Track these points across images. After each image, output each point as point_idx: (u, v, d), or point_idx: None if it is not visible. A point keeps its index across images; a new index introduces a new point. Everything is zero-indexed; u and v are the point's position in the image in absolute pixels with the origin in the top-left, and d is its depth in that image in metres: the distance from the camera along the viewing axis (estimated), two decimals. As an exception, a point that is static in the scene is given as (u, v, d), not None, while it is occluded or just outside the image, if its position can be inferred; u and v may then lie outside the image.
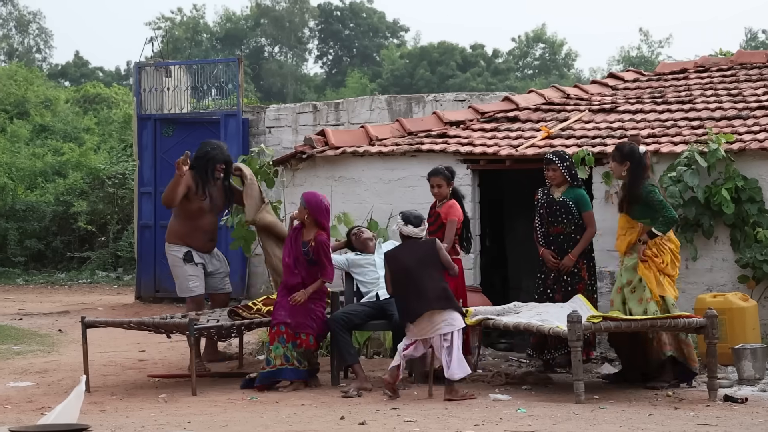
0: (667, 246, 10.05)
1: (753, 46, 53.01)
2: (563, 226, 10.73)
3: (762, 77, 13.89)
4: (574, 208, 10.68)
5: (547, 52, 64.04)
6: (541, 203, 10.88)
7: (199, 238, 11.66)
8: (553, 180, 10.78)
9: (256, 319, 10.70)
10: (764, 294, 11.15)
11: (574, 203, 10.69)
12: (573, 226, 10.70)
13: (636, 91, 14.22)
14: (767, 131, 11.67)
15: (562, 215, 10.73)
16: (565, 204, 10.70)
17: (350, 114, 17.92)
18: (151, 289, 18.62)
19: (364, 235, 11.14)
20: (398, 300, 9.79)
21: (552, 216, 10.77)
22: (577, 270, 10.73)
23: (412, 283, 9.64)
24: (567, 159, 10.81)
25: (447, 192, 10.65)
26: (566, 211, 10.69)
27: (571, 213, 10.69)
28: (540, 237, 10.89)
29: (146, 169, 18.72)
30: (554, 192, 10.81)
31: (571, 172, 10.78)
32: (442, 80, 54.03)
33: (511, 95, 14.60)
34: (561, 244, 10.74)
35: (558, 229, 10.75)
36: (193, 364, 10.08)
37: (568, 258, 10.67)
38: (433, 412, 8.83)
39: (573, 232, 10.70)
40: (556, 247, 10.76)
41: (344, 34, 64.00)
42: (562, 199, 10.72)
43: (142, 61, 19.60)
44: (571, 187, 10.78)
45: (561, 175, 10.72)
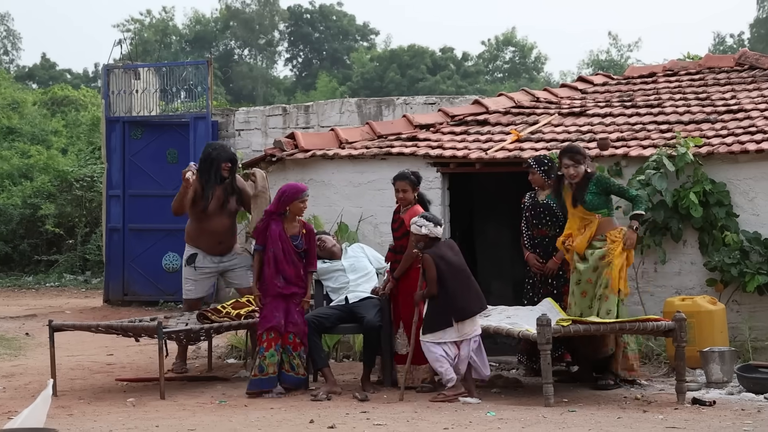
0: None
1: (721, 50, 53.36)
2: (548, 229, 10.77)
3: (730, 81, 13.97)
4: (558, 210, 10.72)
5: (517, 56, 64.24)
6: (526, 206, 10.94)
7: (207, 240, 11.55)
8: (535, 183, 10.87)
9: (226, 322, 10.68)
10: (732, 297, 11.21)
11: (557, 205, 10.72)
12: (557, 229, 10.70)
13: (605, 94, 14.28)
14: (735, 135, 11.74)
15: (546, 218, 10.78)
16: (548, 206, 10.75)
17: (320, 117, 17.91)
18: (120, 292, 18.55)
19: (328, 245, 11.05)
20: (445, 299, 9.64)
21: (537, 219, 10.82)
22: (562, 273, 10.71)
23: (464, 283, 9.72)
24: (545, 163, 10.85)
25: (412, 197, 10.44)
26: (550, 213, 10.75)
27: (555, 215, 10.73)
28: (526, 240, 10.93)
29: (115, 172, 18.65)
30: (539, 195, 10.89)
31: (551, 175, 10.78)
32: (412, 83, 54.07)
33: (481, 98, 14.62)
34: (546, 246, 10.76)
35: (543, 232, 10.79)
36: (162, 368, 10.04)
37: (552, 261, 10.68)
38: (403, 416, 8.84)
39: (557, 235, 10.66)
40: (542, 250, 10.79)
41: (314, 37, 63.99)
42: (545, 201, 10.78)
43: (110, 63, 19.52)
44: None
45: (540, 178, 10.78)
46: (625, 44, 63.33)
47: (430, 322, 9.68)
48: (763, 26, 54.59)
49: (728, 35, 58.96)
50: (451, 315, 9.66)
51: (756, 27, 55.78)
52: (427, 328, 9.68)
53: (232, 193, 11.55)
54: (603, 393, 10.00)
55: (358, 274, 10.82)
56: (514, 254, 14.94)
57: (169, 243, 18.35)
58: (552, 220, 10.75)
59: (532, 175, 10.84)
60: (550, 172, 10.78)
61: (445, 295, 9.66)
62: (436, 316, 9.67)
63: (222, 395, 10.09)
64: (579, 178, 10.18)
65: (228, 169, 11.48)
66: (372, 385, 10.24)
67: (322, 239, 11.04)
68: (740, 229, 11.29)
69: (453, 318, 9.65)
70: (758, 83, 13.69)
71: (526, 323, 9.89)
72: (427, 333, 9.66)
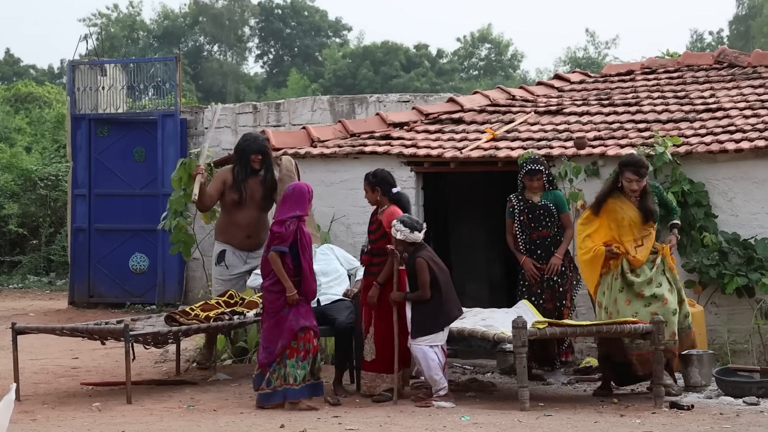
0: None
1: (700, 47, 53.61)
2: (548, 230, 10.88)
3: (709, 79, 14.03)
4: (555, 210, 10.86)
5: (492, 53, 64.35)
6: (519, 209, 10.91)
7: (236, 233, 11.53)
8: (538, 188, 10.89)
9: (194, 325, 10.64)
10: (711, 299, 11.26)
11: (554, 206, 10.86)
12: (556, 228, 10.87)
13: (582, 92, 14.32)
14: (714, 134, 11.79)
15: (545, 219, 10.86)
16: (547, 207, 10.84)
17: (291, 115, 17.89)
18: (85, 294, 18.49)
19: None
20: (437, 303, 9.65)
21: (536, 221, 10.86)
22: (564, 269, 10.85)
23: (450, 288, 9.79)
24: (546, 164, 11.02)
25: (374, 198, 10.22)
26: (549, 213, 10.85)
27: (553, 216, 10.86)
28: (521, 244, 10.93)
29: (80, 171, 18.58)
30: (532, 197, 10.89)
31: (551, 177, 11.00)
32: (385, 81, 54.09)
33: (455, 96, 14.64)
34: (548, 247, 10.87)
35: (544, 233, 10.87)
36: (129, 372, 9.99)
37: (555, 257, 10.79)
38: (375, 420, 8.83)
39: (557, 234, 10.87)
40: (543, 250, 10.87)
41: (285, 33, 63.90)
42: (543, 202, 10.86)
43: (76, 59, 19.45)
44: (547, 190, 10.93)
45: (543, 182, 10.92)
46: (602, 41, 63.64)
47: (422, 325, 9.68)
48: (743, 23, 54.90)
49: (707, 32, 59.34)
50: (442, 319, 9.70)
51: (735, 24, 56.09)
52: (419, 331, 9.68)
53: (266, 185, 11.54)
54: (580, 396, 10.02)
55: (330, 277, 10.80)
56: (489, 255, 15.01)
57: (137, 243, 18.30)
58: (551, 221, 10.86)
59: (537, 181, 10.85)
60: (550, 174, 10.99)
61: (439, 298, 9.68)
62: (428, 319, 9.66)
63: (190, 399, 10.06)
64: (640, 190, 10.05)
65: (259, 161, 11.47)
66: (344, 389, 10.22)
67: None
68: (719, 230, 11.34)
69: (442, 322, 9.70)
70: (737, 81, 13.75)
71: (502, 325, 9.90)
72: (418, 336, 9.66)
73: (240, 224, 11.50)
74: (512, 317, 9.64)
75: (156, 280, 18.13)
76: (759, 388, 9.78)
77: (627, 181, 9.93)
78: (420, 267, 9.68)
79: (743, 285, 11.03)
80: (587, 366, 11.20)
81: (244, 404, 9.77)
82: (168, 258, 17.54)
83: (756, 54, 14.51)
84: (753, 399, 9.58)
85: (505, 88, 14.82)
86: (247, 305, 11.06)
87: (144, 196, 18.26)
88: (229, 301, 11.11)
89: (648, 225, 9.97)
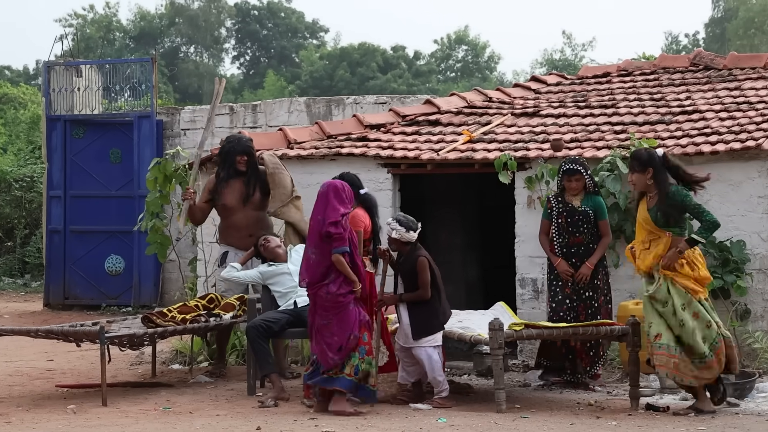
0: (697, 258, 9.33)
1: (675, 50, 53.85)
2: (584, 237, 10.51)
3: (685, 82, 14.09)
4: (593, 216, 10.50)
5: (469, 55, 64.46)
6: (558, 212, 10.53)
7: (235, 235, 11.50)
8: (576, 190, 10.51)
9: (170, 327, 10.62)
10: (687, 301, 11.28)
11: (593, 212, 10.49)
12: (591, 236, 10.51)
13: (559, 94, 14.36)
14: (690, 137, 11.84)
15: (583, 225, 10.50)
16: (586, 213, 10.48)
17: (268, 116, 17.88)
18: (60, 296, 18.44)
19: (272, 244, 11.02)
20: (437, 302, 9.65)
21: (573, 226, 10.50)
22: (597, 281, 10.52)
23: (442, 288, 9.79)
24: (588, 167, 10.61)
25: None
26: (587, 220, 10.49)
27: (590, 222, 10.50)
28: (557, 248, 10.57)
29: (56, 172, 18.53)
30: (572, 200, 10.52)
31: (593, 179, 10.62)
32: (362, 82, 54.11)
33: (432, 98, 14.66)
34: (582, 255, 10.51)
35: (578, 239, 10.51)
36: (105, 374, 9.96)
37: (585, 266, 10.44)
38: (352, 422, 8.83)
39: (591, 242, 10.50)
40: (578, 259, 10.52)
41: (262, 35, 63.85)
42: (582, 208, 10.49)
43: (51, 60, 19.40)
44: (588, 194, 10.56)
45: (584, 183, 10.51)
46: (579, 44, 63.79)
47: (424, 326, 9.67)
48: (718, 26, 55.14)
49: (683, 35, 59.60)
50: (442, 318, 9.74)
51: (711, 27, 56.34)
52: (421, 332, 9.67)
53: (256, 185, 11.52)
54: (556, 398, 10.05)
55: (305, 278, 10.79)
56: (465, 257, 15.03)
57: (112, 245, 18.27)
58: (588, 228, 10.49)
59: (576, 182, 10.48)
60: (592, 176, 10.62)
61: (438, 297, 9.70)
62: (431, 318, 9.66)
63: (166, 402, 10.04)
64: (639, 187, 9.42)
65: (244, 162, 11.48)
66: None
67: (267, 239, 11.03)
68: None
69: (443, 321, 9.74)
70: (713, 84, 13.81)
71: (478, 327, 9.92)
72: (421, 337, 9.66)
73: (237, 225, 11.48)
74: (489, 319, 9.65)
75: (132, 282, 18.10)
76: (734, 390, 9.82)
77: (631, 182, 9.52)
78: (422, 266, 9.65)
79: (719, 287, 11.05)
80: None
81: (220, 406, 9.76)
82: (144, 260, 17.52)
83: (731, 56, 14.58)
84: (733, 401, 9.62)
85: (482, 90, 14.84)
86: (224, 308, 11.04)
87: (120, 197, 18.22)
88: (207, 304, 11.10)
89: (657, 229, 9.26)
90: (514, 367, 11.63)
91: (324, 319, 9.36)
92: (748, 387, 9.94)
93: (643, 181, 9.35)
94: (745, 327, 11.08)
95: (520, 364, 11.70)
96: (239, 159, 11.49)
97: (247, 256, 11.18)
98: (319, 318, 9.38)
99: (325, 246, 9.33)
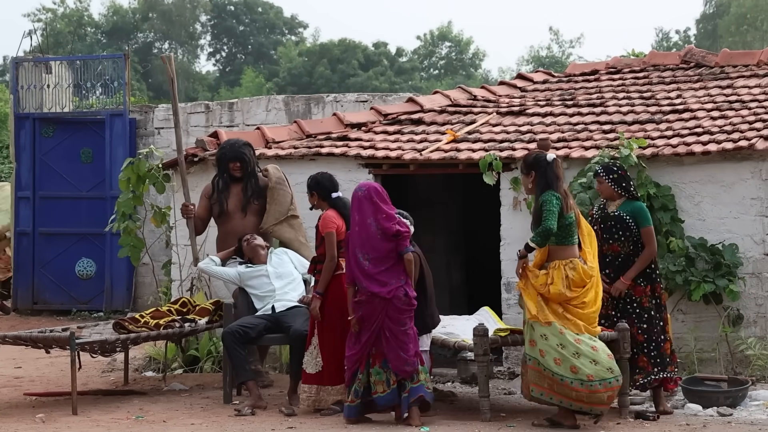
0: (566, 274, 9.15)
1: (666, 47, 54.01)
2: (620, 245, 9.83)
3: (676, 80, 14.12)
4: (633, 223, 9.81)
5: (453, 51, 64.57)
6: (594, 219, 10.03)
7: (233, 242, 11.29)
8: (602, 193, 10.09)
9: (143, 332, 10.59)
10: (677, 306, 11.32)
11: (631, 217, 9.82)
12: (631, 245, 9.82)
13: (546, 92, 14.38)
14: (681, 136, 11.86)
15: (618, 232, 9.83)
16: (620, 219, 9.84)
17: (245, 115, 17.86)
18: (29, 300, 18.37)
19: (256, 242, 11.02)
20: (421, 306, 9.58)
21: (607, 233, 9.87)
22: (638, 299, 9.84)
23: (431, 291, 9.82)
24: (614, 171, 9.97)
25: (311, 202, 10.20)
26: (623, 227, 9.81)
27: (629, 229, 9.80)
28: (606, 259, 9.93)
29: (24, 172, 18.46)
30: (609, 206, 10.01)
31: (622, 185, 9.92)
32: (342, 80, 54.14)
33: (415, 96, 14.66)
34: (619, 267, 9.83)
35: (614, 248, 9.86)
36: (75, 381, 9.93)
37: (620, 281, 9.76)
38: (333, 430, 8.83)
39: (632, 253, 9.82)
40: (613, 270, 9.83)
41: (239, 30, 63.83)
42: (617, 213, 9.89)
43: (19, 56, 19.33)
44: (629, 200, 9.94)
45: (608, 188, 9.93)
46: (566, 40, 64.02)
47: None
48: (710, 22, 55.34)
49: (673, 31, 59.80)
50: (430, 321, 9.74)
51: (702, 23, 56.54)
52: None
53: (254, 191, 11.46)
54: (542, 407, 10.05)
55: (284, 281, 10.79)
56: (449, 260, 15.04)
57: (83, 248, 18.21)
58: (625, 235, 9.83)
59: (599, 184, 10.06)
60: (621, 181, 9.92)
61: (425, 301, 9.66)
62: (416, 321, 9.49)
63: (139, 410, 10.02)
64: (528, 191, 9.60)
65: (238, 168, 11.43)
66: (299, 399, 10.20)
67: (253, 236, 11.04)
68: (685, 235, 11.40)
69: (430, 324, 9.73)
70: (705, 82, 13.85)
71: (463, 333, 9.92)
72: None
73: (237, 232, 11.32)
74: (473, 324, 9.66)
75: (103, 286, 18.05)
76: (726, 398, 9.85)
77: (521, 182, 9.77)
78: (409, 261, 9.44)
79: (710, 292, 11.08)
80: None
81: (195, 415, 9.75)
82: (116, 263, 17.47)
83: (723, 54, 14.62)
84: (726, 410, 9.65)
85: (467, 88, 14.84)
86: (199, 312, 11.02)
87: (91, 198, 18.16)
88: (180, 308, 11.08)
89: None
90: (500, 374, 11.64)
91: (401, 324, 9.16)
92: (741, 395, 9.97)
93: (527, 184, 9.46)
94: (737, 333, 11.10)
95: (506, 371, 11.71)
96: (232, 166, 11.45)
97: (229, 253, 11.15)
98: (394, 324, 9.15)
99: (386, 246, 9.25)
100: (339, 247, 9.81)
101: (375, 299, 9.18)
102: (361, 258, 9.25)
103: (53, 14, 60.51)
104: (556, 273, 9.11)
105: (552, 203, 9.13)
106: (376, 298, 9.17)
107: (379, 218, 9.29)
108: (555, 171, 9.31)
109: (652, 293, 9.89)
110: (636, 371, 9.76)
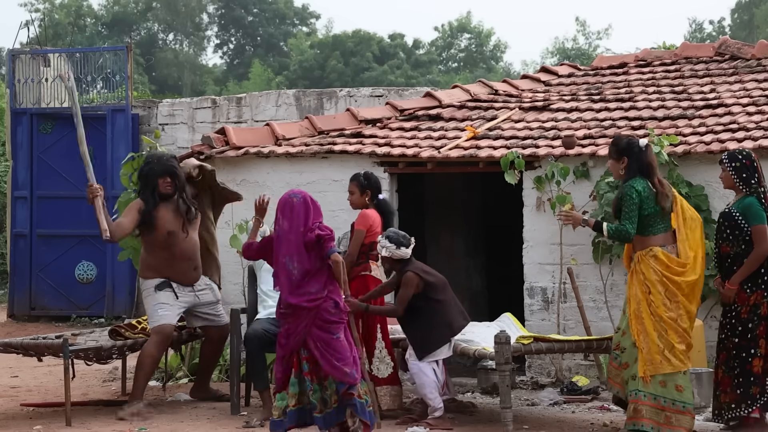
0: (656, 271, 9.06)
1: (699, 38, 53.90)
2: (729, 245, 9.30)
3: (709, 73, 14.09)
4: (743, 221, 9.25)
5: (473, 43, 64.52)
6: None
7: (176, 267, 10.63)
8: (723, 183, 9.56)
9: (140, 339, 10.60)
10: (711, 312, 11.29)
11: (741, 215, 9.27)
12: (743, 245, 9.23)
13: (571, 87, 14.36)
14: (714, 133, 11.83)
15: (726, 230, 9.32)
16: (730, 216, 9.32)
17: (254, 110, 17.88)
18: (26, 306, 18.41)
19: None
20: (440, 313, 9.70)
21: (720, 232, 9.42)
22: (754, 305, 9.27)
23: (450, 296, 9.89)
24: (738, 158, 9.38)
25: (358, 201, 10.30)
26: (733, 225, 9.28)
27: (739, 228, 9.24)
28: (715, 259, 9.65)
29: (21, 171, 18.51)
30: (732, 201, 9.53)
31: (743, 175, 9.31)
32: (356, 73, 54.15)
33: (433, 91, 14.66)
34: (728, 270, 9.35)
35: (724, 249, 9.37)
36: (69, 391, 9.93)
37: (726, 287, 9.30)
38: (345, 445, 8.82)
39: (742, 253, 9.25)
40: (723, 273, 9.43)
41: (247, 21, 63.88)
42: (727, 210, 9.42)
43: (16, 48, 19.37)
44: (746, 195, 9.34)
45: (729, 177, 9.38)
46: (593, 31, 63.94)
47: (424, 342, 9.71)
48: (746, 12, 55.24)
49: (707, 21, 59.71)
50: (446, 331, 9.75)
51: (738, 12, 56.44)
52: (423, 350, 9.71)
53: (188, 207, 10.72)
54: (568, 418, 10.03)
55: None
56: (469, 264, 15.03)
57: (83, 251, 18.24)
58: (734, 233, 9.29)
59: (722, 172, 9.48)
60: (743, 171, 9.32)
61: (438, 310, 9.72)
62: (431, 332, 9.65)
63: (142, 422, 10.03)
64: (614, 176, 9.43)
65: (169, 184, 10.65)
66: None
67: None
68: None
69: (447, 334, 9.74)
70: (740, 75, 13.82)
71: (483, 341, 9.91)
72: (424, 356, 9.71)
73: (181, 257, 10.64)
74: (494, 331, 9.64)
75: (104, 290, 18.08)
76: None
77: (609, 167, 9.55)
78: (404, 281, 9.66)
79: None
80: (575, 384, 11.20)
81: (201, 427, 9.75)
82: (117, 266, 17.49)
83: (760, 45, 14.58)
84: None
85: (487, 82, 14.84)
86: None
87: (91, 198, 18.18)
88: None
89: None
90: (522, 384, 11.63)
91: (331, 332, 8.64)
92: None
93: (617, 170, 9.28)
94: None
95: (529, 381, 11.70)
96: (161, 182, 10.63)
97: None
98: (324, 333, 8.62)
99: (313, 253, 8.69)
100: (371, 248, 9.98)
101: (301, 311, 8.62)
102: (290, 268, 8.67)
103: (51, 4, 60.66)
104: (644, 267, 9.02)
105: (632, 199, 8.99)
106: (302, 310, 8.62)
107: (310, 227, 8.80)
108: (649, 158, 9.18)
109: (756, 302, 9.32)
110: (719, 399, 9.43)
